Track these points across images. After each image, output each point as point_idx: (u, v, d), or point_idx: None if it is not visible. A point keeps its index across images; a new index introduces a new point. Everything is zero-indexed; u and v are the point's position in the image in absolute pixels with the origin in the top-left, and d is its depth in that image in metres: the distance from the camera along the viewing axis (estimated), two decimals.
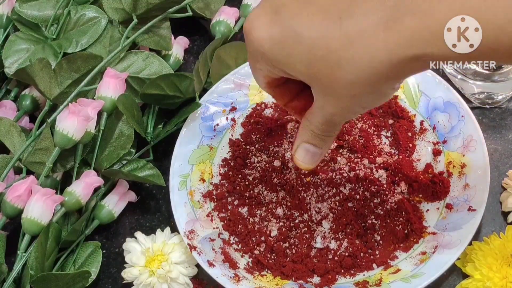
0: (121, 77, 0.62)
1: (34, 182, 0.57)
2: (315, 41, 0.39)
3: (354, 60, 0.38)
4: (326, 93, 0.42)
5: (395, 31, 0.37)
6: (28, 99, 0.65)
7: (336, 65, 0.39)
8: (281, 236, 0.57)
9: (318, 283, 0.54)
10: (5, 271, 0.56)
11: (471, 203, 0.55)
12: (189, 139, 0.61)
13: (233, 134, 0.63)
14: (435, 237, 0.54)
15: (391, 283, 0.52)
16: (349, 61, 0.39)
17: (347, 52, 0.38)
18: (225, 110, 0.63)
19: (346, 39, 0.38)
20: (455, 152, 0.58)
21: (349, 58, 0.38)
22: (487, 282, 0.52)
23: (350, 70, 0.39)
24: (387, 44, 0.37)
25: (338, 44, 0.38)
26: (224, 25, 0.68)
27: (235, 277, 0.54)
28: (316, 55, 0.39)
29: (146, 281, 0.55)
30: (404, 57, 0.37)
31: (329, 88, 0.41)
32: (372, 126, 0.61)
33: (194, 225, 0.57)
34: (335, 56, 0.39)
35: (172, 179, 0.59)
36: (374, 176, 0.58)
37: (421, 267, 0.53)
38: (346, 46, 0.38)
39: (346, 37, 0.38)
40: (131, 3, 0.64)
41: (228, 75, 0.63)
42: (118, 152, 0.61)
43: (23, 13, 0.66)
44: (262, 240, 0.57)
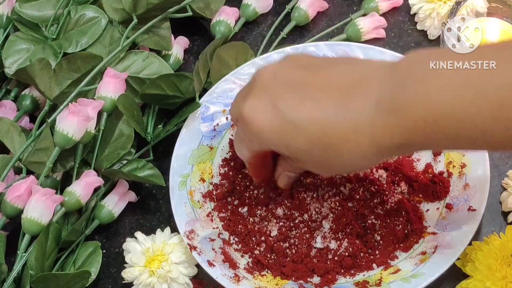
0: (121, 77, 0.62)
1: (34, 182, 0.57)
2: (315, 136, 0.44)
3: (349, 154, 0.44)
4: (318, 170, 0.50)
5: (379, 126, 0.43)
6: (28, 99, 0.65)
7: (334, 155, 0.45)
8: (281, 236, 0.57)
9: (318, 283, 0.54)
10: (5, 271, 0.56)
11: (471, 203, 0.55)
12: (189, 139, 0.61)
13: (233, 134, 0.63)
14: (435, 237, 0.54)
15: (391, 283, 0.52)
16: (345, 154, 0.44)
17: (343, 147, 0.44)
18: (225, 110, 0.63)
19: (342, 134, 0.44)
20: (455, 152, 0.58)
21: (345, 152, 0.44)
22: (487, 282, 0.52)
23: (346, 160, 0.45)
24: (374, 138, 0.43)
25: (335, 139, 0.44)
26: (224, 25, 0.68)
27: (235, 277, 0.54)
28: (315, 147, 0.45)
29: (146, 281, 0.55)
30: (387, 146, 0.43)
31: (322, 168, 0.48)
32: None
33: (194, 225, 0.57)
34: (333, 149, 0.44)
35: (172, 179, 0.59)
36: (374, 176, 0.58)
37: (421, 267, 0.53)
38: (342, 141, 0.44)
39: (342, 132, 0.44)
40: (131, 3, 0.64)
41: (228, 75, 0.63)
42: (118, 152, 0.61)
43: (23, 13, 0.66)
44: (262, 240, 0.57)
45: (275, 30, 0.69)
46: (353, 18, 0.68)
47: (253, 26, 0.71)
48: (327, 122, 0.44)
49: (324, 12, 0.71)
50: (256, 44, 0.69)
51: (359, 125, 0.43)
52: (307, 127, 0.44)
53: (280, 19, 0.70)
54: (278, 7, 0.71)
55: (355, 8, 0.71)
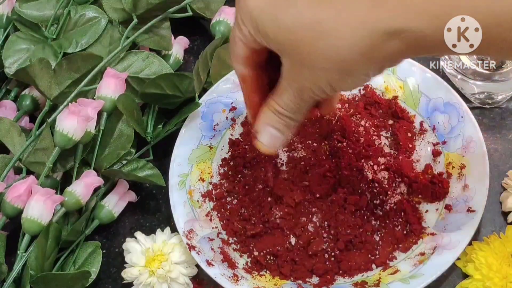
0: (121, 77, 0.62)
1: (34, 182, 0.57)
2: (303, 10, 0.40)
3: (336, 32, 0.39)
4: (301, 63, 0.42)
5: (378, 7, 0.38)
6: (28, 99, 0.65)
7: (319, 35, 0.40)
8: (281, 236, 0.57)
9: (317, 284, 0.54)
10: (5, 271, 0.56)
11: (470, 204, 0.55)
12: (188, 138, 0.61)
13: (233, 133, 0.63)
14: (434, 238, 0.54)
15: (390, 283, 0.52)
16: (332, 32, 0.40)
17: (332, 24, 0.39)
18: (225, 110, 0.63)
19: (334, 11, 0.39)
20: (455, 153, 0.58)
21: (332, 33, 0.40)
22: (487, 282, 0.52)
23: (331, 45, 0.40)
24: (369, 18, 0.39)
25: (325, 15, 0.40)
26: (224, 25, 0.68)
27: (234, 277, 0.54)
28: (302, 22, 0.40)
29: (146, 281, 0.55)
30: (383, 31, 0.39)
31: (306, 58, 0.41)
32: (372, 126, 0.61)
33: (193, 224, 0.57)
34: (320, 26, 0.40)
35: (171, 178, 0.59)
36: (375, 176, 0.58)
37: (420, 267, 0.53)
38: (332, 18, 0.39)
39: (333, 12, 0.39)
40: (131, 3, 0.64)
41: (228, 75, 0.64)
42: (118, 152, 0.61)
43: (23, 13, 0.66)
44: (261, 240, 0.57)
45: None
46: None
47: None
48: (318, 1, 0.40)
49: None
50: None
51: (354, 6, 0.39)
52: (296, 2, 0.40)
53: None
54: None
55: None
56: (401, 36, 0.39)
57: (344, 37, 0.39)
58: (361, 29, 0.39)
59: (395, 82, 0.62)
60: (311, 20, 0.40)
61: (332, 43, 0.40)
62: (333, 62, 0.41)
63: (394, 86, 0.62)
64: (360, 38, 0.39)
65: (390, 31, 0.39)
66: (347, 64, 0.41)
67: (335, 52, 0.40)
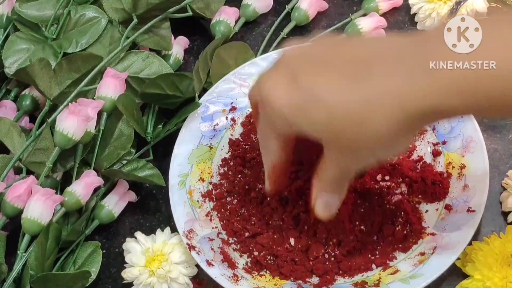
0: (121, 77, 0.62)
1: (34, 182, 0.57)
2: (335, 104, 0.42)
3: (373, 121, 0.41)
4: (343, 150, 0.44)
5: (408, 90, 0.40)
6: (28, 99, 0.65)
7: (356, 126, 0.42)
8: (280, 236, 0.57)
9: (317, 284, 0.54)
10: (5, 271, 0.56)
11: (470, 204, 0.55)
12: (188, 138, 0.61)
13: (233, 134, 0.63)
14: (434, 238, 0.54)
15: (390, 283, 0.52)
16: (368, 122, 0.41)
17: (366, 114, 0.41)
18: (225, 110, 0.63)
19: (365, 101, 0.41)
20: (455, 153, 0.58)
21: (368, 120, 0.41)
22: (487, 282, 0.52)
23: (369, 130, 0.41)
24: (401, 103, 0.40)
25: (357, 106, 0.41)
26: (224, 25, 0.68)
27: (234, 277, 0.54)
28: (336, 117, 0.42)
29: (146, 281, 0.55)
30: (418, 112, 0.40)
31: (346, 146, 0.43)
32: None
33: (193, 224, 0.57)
34: (354, 118, 0.41)
35: (171, 178, 0.59)
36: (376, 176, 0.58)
37: (420, 267, 0.53)
38: (364, 108, 0.41)
39: (365, 99, 0.41)
40: (131, 3, 0.64)
41: (228, 75, 0.63)
42: (118, 152, 0.61)
43: (23, 13, 0.66)
44: None
45: (275, 30, 0.69)
46: (353, 18, 0.68)
47: (253, 26, 0.71)
48: (351, 93, 0.41)
49: (324, 12, 0.71)
50: (256, 44, 0.69)
51: (386, 93, 0.40)
52: (329, 99, 0.42)
53: (280, 19, 0.70)
54: (278, 7, 0.71)
55: (355, 8, 0.71)
56: (435, 113, 0.40)
57: (380, 122, 0.41)
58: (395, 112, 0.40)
59: None
60: (343, 112, 0.41)
61: (369, 129, 0.41)
62: (374, 143, 0.43)
63: None
64: (396, 121, 0.41)
65: (425, 111, 0.40)
66: (388, 142, 0.43)
67: (374, 135, 0.42)
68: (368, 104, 0.41)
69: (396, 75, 0.40)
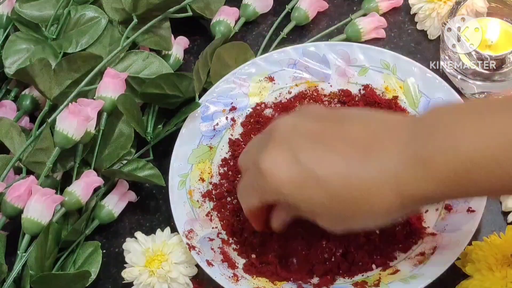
0: (121, 77, 0.62)
1: (34, 182, 0.57)
2: (337, 188, 0.43)
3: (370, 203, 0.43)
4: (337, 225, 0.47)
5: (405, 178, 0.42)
6: (28, 99, 0.65)
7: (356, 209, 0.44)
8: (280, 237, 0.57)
9: (317, 284, 0.54)
10: (5, 271, 0.56)
11: (470, 204, 0.55)
12: (188, 138, 0.61)
13: (232, 133, 0.63)
14: (434, 238, 0.54)
15: (390, 283, 0.52)
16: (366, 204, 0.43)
17: (365, 197, 0.43)
18: (225, 110, 0.63)
19: (364, 184, 0.43)
20: None
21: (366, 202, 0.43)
22: (487, 282, 0.52)
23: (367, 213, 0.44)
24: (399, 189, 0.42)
25: (357, 193, 0.43)
26: (224, 25, 0.68)
27: (234, 277, 0.54)
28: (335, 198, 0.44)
29: (146, 281, 0.55)
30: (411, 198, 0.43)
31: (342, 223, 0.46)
32: None
33: (193, 224, 0.57)
34: (353, 199, 0.43)
35: (171, 178, 0.59)
36: None
37: (420, 268, 0.53)
38: (364, 190, 0.43)
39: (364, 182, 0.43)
40: (131, 3, 0.64)
41: (228, 75, 0.64)
42: (118, 152, 0.61)
43: (23, 13, 0.66)
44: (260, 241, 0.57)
45: (275, 30, 0.69)
46: (353, 18, 0.68)
47: (253, 26, 0.71)
48: (350, 175, 0.43)
49: (324, 12, 0.71)
50: (256, 44, 0.69)
51: (384, 178, 0.42)
52: (329, 180, 0.43)
53: (280, 19, 0.70)
54: (278, 7, 0.71)
55: (355, 8, 0.71)
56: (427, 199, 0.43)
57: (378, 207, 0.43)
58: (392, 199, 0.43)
59: (395, 82, 0.62)
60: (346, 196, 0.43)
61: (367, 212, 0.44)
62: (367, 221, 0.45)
63: (394, 86, 0.62)
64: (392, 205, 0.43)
65: (417, 198, 0.43)
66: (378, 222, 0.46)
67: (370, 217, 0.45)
68: (367, 187, 0.43)
69: (393, 161, 0.42)
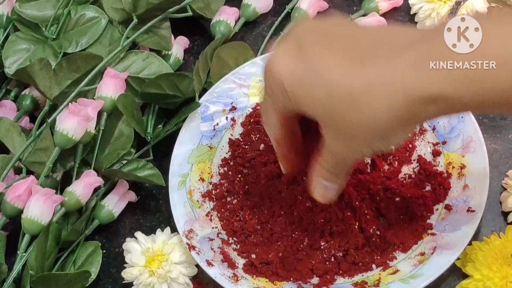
0: (121, 77, 0.62)
1: (34, 182, 0.57)
2: (336, 83, 0.40)
3: (372, 105, 0.40)
4: (339, 134, 0.43)
5: (412, 76, 0.38)
6: (28, 99, 0.65)
7: (354, 109, 0.40)
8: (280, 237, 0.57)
9: (317, 284, 0.54)
10: (5, 271, 0.56)
11: (470, 204, 0.55)
12: (188, 138, 0.61)
13: (233, 134, 0.63)
14: (434, 238, 0.54)
15: (390, 283, 0.52)
16: (367, 106, 0.40)
17: (366, 97, 0.39)
18: (225, 110, 0.63)
19: (366, 84, 0.39)
20: (455, 153, 0.58)
21: (367, 103, 0.40)
22: (487, 282, 0.52)
23: (367, 115, 0.40)
24: (404, 89, 0.39)
25: (358, 88, 0.40)
26: (224, 25, 0.68)
27: (234, 277, 0.54)
28: (335, 97, 0.40)
29: (146, 281, 0.55)
30: (419, 98, 0.39)
31: (342, 130, 0.42)
32: None
33: (193, 224, 0.57)
34: (354, 100, 0.40)
35: (171, 178, 0.59)
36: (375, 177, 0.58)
37: (420, 267, 0.53)
38: (365, 91, 0.39)
39: (367, 81, 0.39)
40: (131, 3, 0.64)
41: (228, 75, 0.64)
42: (118, 152, 0.61)
43: (23, 13, 0.66)
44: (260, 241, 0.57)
45: (275, 30, 0.69)
46: (353, 18, 0.68)
47: (253, 26, 0.71)
48: (350, 71, 0.40)
49: (324, 12, 0.70)
50: (256, 44, 0.69)
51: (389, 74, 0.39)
52: (328, 74, 0.40)
53: (280, 19, 0.70)
54: (278, 7, 0.71)
55: (355, 8, 0.71)
56: (438, 101, 0.39)
57: (379, 107, 0.39)
58: (396, 98, 0.39)
59: None
60: (345, 92, 0.40)
61: (368, 113, 0.40)
62: (370, 131, 0.41)
63: None
64: (396, 107, 0.39)
65: (426, 98, 0.39)
66: (385, 131, 0.41)
67: (371, 122, 0.40)
68: (369, 87, 0.39)
69: (402, 62, 0.39)
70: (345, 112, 0.40)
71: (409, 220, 0.56)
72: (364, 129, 0.41)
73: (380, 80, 0.39)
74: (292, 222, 0.57)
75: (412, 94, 0.39)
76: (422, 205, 0.56)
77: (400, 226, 0.56)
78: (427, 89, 0.38)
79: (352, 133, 0.42)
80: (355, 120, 0.41)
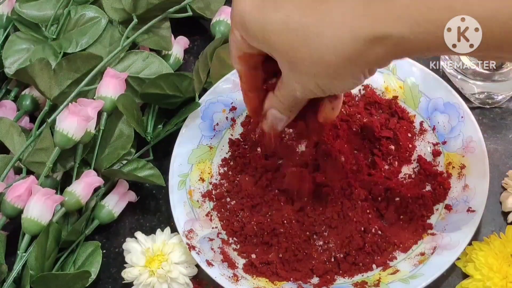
0: (121, 77, 0.62)
1: (34, 182, 0.57)
2: (291, 12, 0.42)
3: (321, 40, 0.41)
4: (291, 66, 0.44)
5: (361, 14, 0.40)
6: (28, 99, 0.65)
7: (304, 42, 0.41)
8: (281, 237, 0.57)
9: (317, 284, 0.54)
10: (5, 271, 0.56)
11: (470, 204, 0.55)
12: (188, 138, 0.62)
13: (232, 134, 0.63)
14: (434, 238, 0.54)
15: (390, 283, 0.52)
16: (316, 40, 0.41)
17: (316, 32, 0.41)
18: (225, 110, 0.63)
19: (319, 19, 0.41)
20: (455, 153, 0.58)
21: (316, 38, 0.41)
22: (487, 282, 0.52)
23: (315, 49, 0.41)
24: (351, 27, 0.40)
25: (310, 20, 0.41)
26: (224, 24, 0.68)
27: (234, 277, 0.54)
28: (289, 27, 0.42)
29: (146, 281, 0.55)
30: (366, 37, 0.40)
31: (294, 63, 0.43)
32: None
33: (193, 224, 0.57)
34: (305, 31, 0.41)
35: (171, 178, 0.59)
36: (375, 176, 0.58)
37: (420, 267, 0.53)
38: (316, 26, 0.41)
39: (319, 17, 0.41)
40: (131, 3, 0.64)
41: (228, 75, 0.64)
42: (118, 152, 0.61)
43: (23, 13, 0.66)
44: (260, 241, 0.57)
45: None
46: None
47: None
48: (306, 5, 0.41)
49: None
50: None
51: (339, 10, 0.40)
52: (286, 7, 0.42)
53: None
54: None
55: None
56: (384, 42, 0.40)
57: (327, 42, 0.41)
58: (344, 35, 0.40)
59: (395, 82, 0.62)
60: (297, 24, 0.42)
61: (317, 48, 0.41)
62: (319, 67, 0.42)
63: (394, 86, 0.62)
64: (343, 44, 0.41)
65: (372, 37, 0.40)
66: (332, 69, 0.42)
67: (320, 57, 0.42)
68: (320, 22, 0.41)
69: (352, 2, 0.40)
70: (297, 44, 0.42)
71: (409, 220, 0.56)
72: (312, 63, 0.42)
73: (330, 17, 0.41)
74: (292, 222, 0.57)
75: (358, 32, 0.40)
76: (422, 205, 0.56)
77: (400, 226, 0.56)
78: (372, 29, 0.40)
79: (301, 66, 0.43)
80: (304, 54, 0.42)
